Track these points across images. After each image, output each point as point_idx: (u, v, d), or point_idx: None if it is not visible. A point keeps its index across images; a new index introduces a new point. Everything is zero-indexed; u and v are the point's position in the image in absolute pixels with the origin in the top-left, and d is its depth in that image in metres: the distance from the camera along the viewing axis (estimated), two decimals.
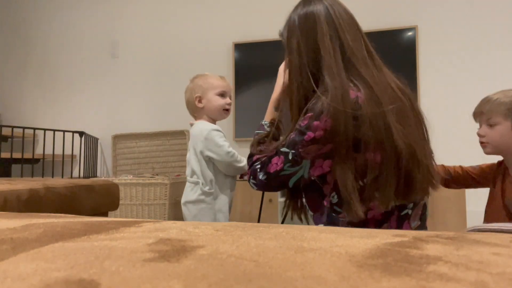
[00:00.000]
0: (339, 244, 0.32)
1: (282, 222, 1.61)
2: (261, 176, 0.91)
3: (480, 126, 1.14)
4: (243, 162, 1.36)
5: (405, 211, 0.83)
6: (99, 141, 3.19)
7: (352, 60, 0.84)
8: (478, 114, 1.14)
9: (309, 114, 0.82)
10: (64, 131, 2.73)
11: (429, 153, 0.85)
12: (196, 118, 1.47)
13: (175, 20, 3.15)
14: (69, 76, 3.34)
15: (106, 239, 0.34)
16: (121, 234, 0.36)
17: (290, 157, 0.86)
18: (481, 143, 1.13)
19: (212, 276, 0.23)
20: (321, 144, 0.81)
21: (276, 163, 0.88)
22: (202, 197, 1.33)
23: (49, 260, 0.27)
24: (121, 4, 3.27)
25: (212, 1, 3.08)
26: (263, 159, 0.93)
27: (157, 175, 2.85)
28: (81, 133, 2.86)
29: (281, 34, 1.02)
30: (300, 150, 0.83)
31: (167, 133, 3.03)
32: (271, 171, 0.89)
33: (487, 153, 1.13)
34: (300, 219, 1.02)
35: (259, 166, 0.93)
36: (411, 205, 0.84)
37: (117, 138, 3.11)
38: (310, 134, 0.81)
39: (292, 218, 1.03)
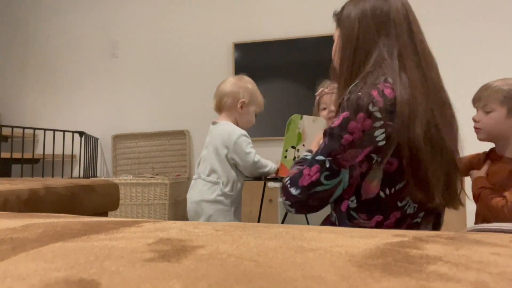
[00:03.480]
0: (339, 244, 0.32)
1: (282, 222, 1.61)
2: (293, 191, 0.78)
3: (477, 112, 1.13)
4: (268, 166, 1.36)
5: (415, 220, 0.80)
6: (99, 141, 3.19)
7: (416, 49, 0.79)
8: (476, 100, 1.13)
9: (344, 113, 0.73)
10: (64, 131, 2.73)
11: (460, 167, 0.82)
12: (221, 113, 1.44)
13: (175, 20, 3.15)
14: (69, 76, 3.34)
15: (106, 239, 0.34)
16: (121, 234, 0.36)
17: (327, 165, 0.75)
18: (475, 128, 1.12)
19: (212, 276, 0.23)
20: (359, 148, 0.73)
21: (309, 174, 0.77)
22: (221, 198, 1.30)
23: (49, 260, 0.27)
24: (121, 4, 3.27)
25: (212, 1, 3.08)
26: (292, 174, 0.81)
27: (157, 175, 2.86)
28: (81, 133, 2.86)
29: (336, 14, 0.90)
30: (338, 156, 0.74)
31: (167, 133, 3.03)
32: (305, 184, 0.77)
33: (480, 139, 1.12)
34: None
35: (288, 181, 0.81)
36: (421, 213, 0.81)
37: (117, 138, 3.11)
38: (347, 137, 0.73)
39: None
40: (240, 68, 2.93)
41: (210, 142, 1.38)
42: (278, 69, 2.86)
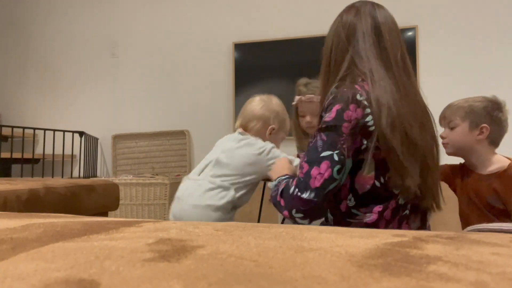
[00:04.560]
0: (339, 244, 0.32)
1: (282, 222, 1.61)
2: (306, 195, 0.73)
3: (444, 129, 1.23)
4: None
5: (404, 212, 0.83)
6: (99, 141, 3.19)
7: (385, 54, 0.84)
8: (442, 119, 1.24)
9: (336, 106, 0.77)
10: (64, 131, 2.73)
11: (438, 168, 0.86)
12: (247, 130, 1.33)
13: (175, 20, 3.15)
14: (69, 76, 3.34)
15: (106, 239, 0.34)
16: (121, 234, 0.36)
17: (336, 158, 0.74)
18: (443, 144, 1.21)
19: (212, 276, 0.23)
20: (357, 135, 0.76)
21: (320, 173, 0.73)
22: (229, 205, 1.19)
23: (49, 260, 0.27)
24: (121, 4, 3.27)
25: (212, 1, 3.08)
26: (297, 180, 0.77)
27: (157, 175, 2.85)
28: (81, 133, 2.86)
29: None
30: (344, 147, 0.75)
31: (167, 133, 3.03)
32: (318, 184, 0.73)
33: (448, 153, 1.22)
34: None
35: (295, 188, 0.75)
36: (409, 205, 0.83)
37: (117, 138, 3.11)
38: (346, 125, 0.75)
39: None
40: (240, 68, 2.93)
41: (231, 149, 1.26)
42: (278, 69, 2.86)
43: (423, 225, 0.88)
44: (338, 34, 0.89)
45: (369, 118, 0.77)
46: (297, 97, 1.46)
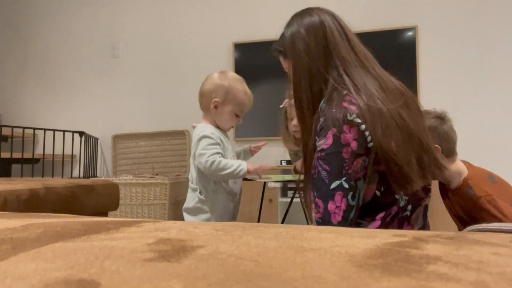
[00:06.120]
0: (339, 244, 0.32)
1: (282, 222, 1.61)
2: None
3: None
4: (231, 167, 1.19)
5: (405, 213, 0.83)
6: (99, 141, 3.19)
7: (358, 57, 0.85)
8: None
9: (330, 131, 0.75)
10: (64, 131, 2.73)
11: (431, 142, 0.86)
12: (203, 114, 1.34)
13: (175, 20, 3.15)
14: (69, 76, 3.34)
15: (106, 239, 0.34)
16: (121, 234, 0.36)
17: (346, 185, 0.73)
18: None
19: (212, 276, 0.23)
20: (361, 155, 0.75)
21: (337, 206, 0.74)
22: (199, 205, 1.23)
23: (49, 260, 0.27)
24: (121, 4, 3.27)
25: (212, 1, 3.08)
26: (317, 222, 0.76)
27: (157, 175, 2.85)
28: (81, 133, 2.86)
29: (275, 49, 0.98)
30: (350, 171, 0.74)
31: (167, 133, 3.03)
32: (339, 218, 0.73)
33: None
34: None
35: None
36: (409, 206, 0.84)
37: (117, 138, 3.11)
38: (347, 150, 0.74)
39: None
40: (240, 68, 2.93)
41: (191, 148, 1.30)
42: (278, 69, 2.85)
43: (424, 222, 0.89)
44: (311, 49, 0.85)
45: (366, 133, 0.75)
46: (285, 100, 1.47)
